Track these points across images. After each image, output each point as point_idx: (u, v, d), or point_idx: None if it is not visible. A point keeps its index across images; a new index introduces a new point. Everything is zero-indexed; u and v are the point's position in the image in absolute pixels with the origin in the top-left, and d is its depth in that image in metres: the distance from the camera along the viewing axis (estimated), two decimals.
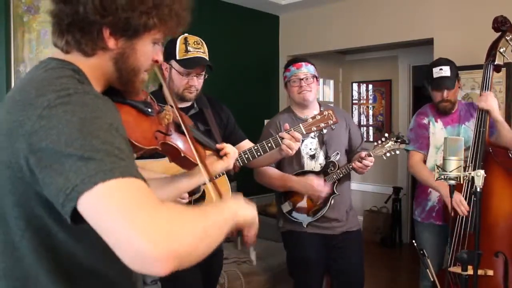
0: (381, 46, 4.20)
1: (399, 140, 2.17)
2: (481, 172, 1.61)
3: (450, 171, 1.60)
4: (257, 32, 4.29)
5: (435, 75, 2.40)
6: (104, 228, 0.66)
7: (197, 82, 1.86)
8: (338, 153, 2.33)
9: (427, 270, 1.81)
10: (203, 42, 1.86)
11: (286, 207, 2.35)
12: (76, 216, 0.67)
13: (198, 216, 0.74)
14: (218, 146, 1.23)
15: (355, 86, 5.64)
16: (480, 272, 2.03)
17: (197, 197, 1.81)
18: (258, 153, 1.77)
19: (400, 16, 3.58)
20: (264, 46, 4.39)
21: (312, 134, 2.30)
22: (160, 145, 1.04)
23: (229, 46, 3.88)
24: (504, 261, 2.05)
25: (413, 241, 2.02)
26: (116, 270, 0.86)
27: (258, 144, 1.80)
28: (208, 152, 1.24)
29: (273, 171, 2.31)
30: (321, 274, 2.39)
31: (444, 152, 1.66)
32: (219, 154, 1.23)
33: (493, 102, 2.21)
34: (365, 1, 3.82)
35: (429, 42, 3.44)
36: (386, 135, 2.21)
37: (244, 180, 3.51)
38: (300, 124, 1.78)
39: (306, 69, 2.27)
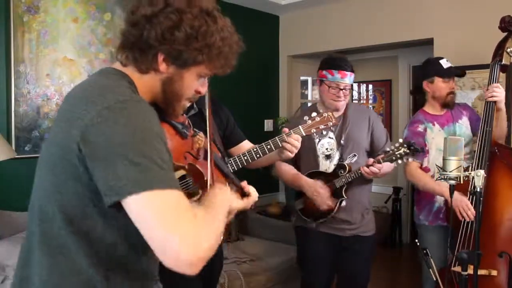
0: (381, 46, 4.19)
1: (411, 148, 2.09)
2: (481, 172, 1.61)
3: (450, 171, 1.60)
4: (257, 32, 4.29)
5: (445, 66, 2.41)
6: (147, 231, 0.78)
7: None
8: (355, 155, 2.28)
9: (430, 270, 1.80)
10: None
11: (298, 204, 2.36)
12: (114, 205, 0.80)
13: (216, 221, 0.89)
14: (242, 184, 1.28)
15: (355, 86, 5.63)
16: (483, 272, 2.03)
17: (195, 199, 1.81)
18: (258, 155, 1.77)
19: (400, 16, 3.58)
20: (264, 46, 4.39)
21: (330, 134, 2.29)
22: (188, 165, 1.16)
23: None
24: (509, 261, 2.03)
25: (416, 240, 2.01)
26: (141, 257, 0.97)
27: (257, 146, 1.79)
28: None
29: (288, 167, 2.32)
30: (329, 273, 2.37)
31: (444, 152, 1.66)
32: (242, 192, 1.27)
33: (501, 93, 2.20)
34: (365, 1, 3.82)
35: (429, 42, 3.44)
36: (400, 140, 2.12)
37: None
38: (299, 126, 1.78)
39: (349, 80, 2.23)
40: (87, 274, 0.89)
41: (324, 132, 1.88)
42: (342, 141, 2.27)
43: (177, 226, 0.77)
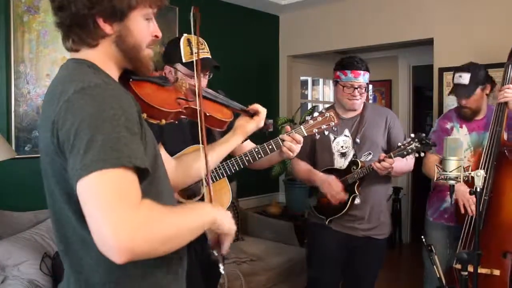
0: (381, 46, 4.20)
1: (423, 143, 2.05)
2: (481, 172, 1.61)
3: (450, 171, 1.60)
4: (257, 32, 4.29)
5: (454, 81, 2.38)
6: (86, 210, 0.79)
7: (203, 82, 1.85)
8: (370, 153, 2.27)
9: (434, 266, 1.79)
10: (205, 41, 1.86)
11: (312, 201, 2.37)
12: None
13: (173, 221, 0.86)
14: (249, 107, 1.30)
15: None
16: (486, 271, 2.03)
17: (197, 199, 1.81)
18: (259, 155, 1.76)
19: (400, 16, 3.58)
20: (264, 46, 4.39)
21: (346, 132, 2.29)
22: (183, 109, 1.18)
23: (229, 46, 3.88)
24: None
25: (422, 237, 1.99)
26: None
27: (259, 146, 1.79)
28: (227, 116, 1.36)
29: (302, 164, 2.33)
30: (337, 272, 2.34)
31: (444, 152, 1.66)
32: (249, 114, 1.31)
33: None
34: (365, 1, 3.82)
35: (429, 42, 3.44)
36: (412, 135, 2.08)
37: (244, 180, 3.52)
38: (301, 126, 1.77)
39: (363, 79, 2.23)
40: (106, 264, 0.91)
41: (325, 132, 1.85)
42: (357, 139, 2.27)
43: (113, 210, 0.76)
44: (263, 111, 1.31)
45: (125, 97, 0.90)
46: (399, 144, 2.10)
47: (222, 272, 1.07)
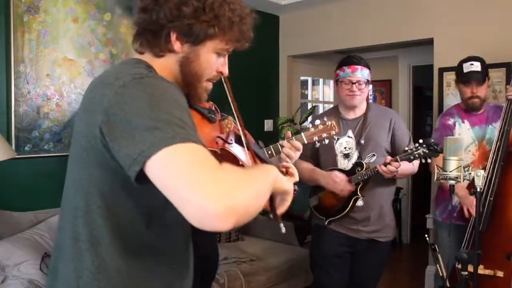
0: (381, 46, 4.19)
1: (431, 149, 2.01)
2: (481, 172, 1.61)
3: (450, 171, 1.60)
4: (257, 32, 4.26)
5: (465, 70, 2.38)
6: (168, 188, 0.73)
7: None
8: (374, 155, 2.25)
9: (437, 265, 1.78)
10: None
11: (313, 201, 2.36)
12: (141, 178, 0.77)
13: (252, 177, 0.82)
14: (284, 164, 1.19)
15: None
16: (489, 272, 2.02)
17: None
18: None
19: (400, 16, 3.58)
20: (264, 46, 4.39)
21: (349, 133, 2.27)
22: (219, 149, 1.13)
23: None
24: None
25: (426, 235, 1.97)
26: (174, 245, 0.99)
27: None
28: None
29: (305, 164, 2.32)
30: (342, 275, 2.31)
31: (444, 152, 1.66)
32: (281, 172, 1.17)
33: None
34: (365, 1, 3.82)
35: (429, 42, 3.44)
36: (420, 141, 2.03)
37: None
38: (302, 133, 1.78)
39: (361, 74, 2.22)
40: (115, 264, 0.90)
41: (326, 141, 1.83)
42: (361, 141, 2.24)
43: (201, 175, 0.71)
44: (296, 174, 1.18)
45: (180, 92, 0.90)
46: (406, 148, 2.09)
47: (283, 231, 0.99)
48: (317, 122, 1.78)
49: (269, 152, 1.73)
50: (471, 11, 3.15)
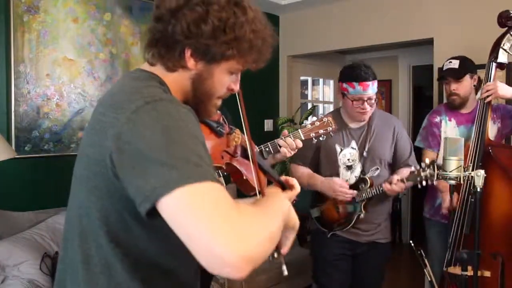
0: (381, 46, 4.20)
1: (439, 170, 1.92)
2: (481, 172, 1.61)
3: (450, 171, 1.60)
4: None
5: (444, 67, 2.42)
6: (181, 230, 0.69)
7: None
8: (378, 168, 2.22)
9: (425, 269, 1.81)
10: None
11: (314, 212, 2.33)
12: (151, 213, 0.72)
13: (267, 218, 0.79)
14: (284, 179, 1.17)
15: None
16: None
17: None
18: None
19: (400, 16, 3.58)
20: None
21: (353, 144, 2.22)
22: (225, 164, 1.12)
23: None
24: (501, 262, 2.03)
25: (410, 241, 2.00)
26: (185, 269, 0.95)
27: (256, 148, 1.79)
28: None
29: (304, 169, 2.30)
30: (343, 279, 2.30)
31: (444, 152, 1.66)
32: (283, 186, 1.15)
33: (494, 88, 2.15)
34: (365, 1, 3.82)
35: (429, 42, 3.44)
36: (427, 161, 1.94)
37: None
38: (299, 130, 1.78)
39: (372, 90, 2.14)
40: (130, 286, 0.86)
41: (322, 137, 1.83)
42: (364, 153, 2.21)
43: (217, 221, 0.67)
44: (297, 188, 1.17)
45: (195, 118, 0.85)
46: (413, 169, 2.01)
47: (286, 273, 0.95)
48: (314, 118, 1.79)
49: (267, 149, 1.74)
50: (471, 11, 3.15)
